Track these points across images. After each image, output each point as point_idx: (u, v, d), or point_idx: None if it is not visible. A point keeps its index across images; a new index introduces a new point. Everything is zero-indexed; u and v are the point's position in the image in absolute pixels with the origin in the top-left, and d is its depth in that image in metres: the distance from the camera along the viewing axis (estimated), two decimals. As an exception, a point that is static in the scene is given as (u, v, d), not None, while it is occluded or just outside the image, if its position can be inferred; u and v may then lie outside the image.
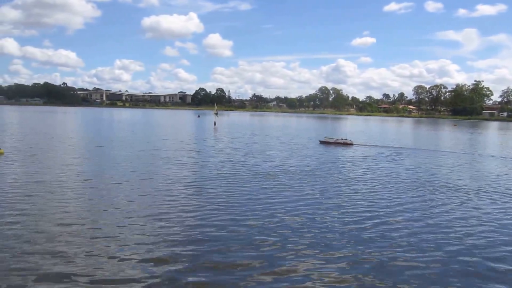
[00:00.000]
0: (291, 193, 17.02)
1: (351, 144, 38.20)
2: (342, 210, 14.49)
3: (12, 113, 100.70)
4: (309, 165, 25.47)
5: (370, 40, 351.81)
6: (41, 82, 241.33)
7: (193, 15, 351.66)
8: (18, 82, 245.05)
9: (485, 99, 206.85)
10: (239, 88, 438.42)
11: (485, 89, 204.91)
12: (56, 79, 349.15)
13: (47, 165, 22.31)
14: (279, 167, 23.93)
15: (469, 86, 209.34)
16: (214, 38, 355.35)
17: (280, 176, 20.73)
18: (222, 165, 24.14)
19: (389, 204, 15.64)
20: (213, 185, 17.97)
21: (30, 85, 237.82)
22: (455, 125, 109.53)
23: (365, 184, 19.59)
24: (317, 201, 15.82)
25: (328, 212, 14.08)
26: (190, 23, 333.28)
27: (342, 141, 38.86)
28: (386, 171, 23.87)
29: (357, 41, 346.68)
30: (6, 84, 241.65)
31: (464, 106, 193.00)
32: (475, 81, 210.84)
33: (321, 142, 39.93)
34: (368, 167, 25.62)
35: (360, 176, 21.83)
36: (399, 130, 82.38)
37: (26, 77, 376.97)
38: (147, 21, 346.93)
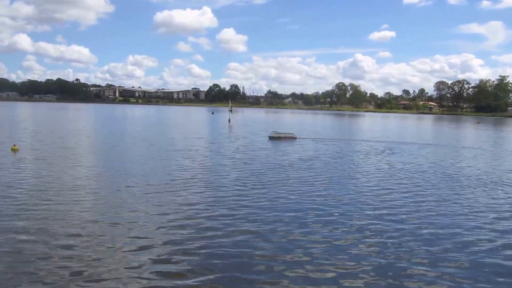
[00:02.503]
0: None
1: (295, 138, 40.01)
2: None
3: (25, 110, 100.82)
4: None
5: (389, 34, 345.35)
6: (54, 78, 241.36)
7: (206, 9, 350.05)
8: (31, 78, 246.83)
9: (511, 95, 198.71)
10: (253, 84, 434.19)
11: (510, 84, 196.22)
12: (69, 75, 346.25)
13: (62, 162, 22.08)
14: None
15: (493, 81, 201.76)
16: (228, 33, 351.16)
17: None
18: (236, 166, 22.91)
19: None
20: (230, 189, 16.72)
21: (43, 81, 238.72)
22: (478, 122, 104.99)
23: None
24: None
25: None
26: (203, 17, 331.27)
27: (289, 136, 40.78)
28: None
29: (375, 35, 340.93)
30: (20, 81, 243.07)
31: (488, 102, 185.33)
32: (500, 76, 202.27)
33: (270, 138, 39.66)
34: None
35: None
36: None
37: (39, 73, 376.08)
38: (160, 16, 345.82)
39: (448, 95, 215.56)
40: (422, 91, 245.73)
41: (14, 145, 26.36)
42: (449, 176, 21.29)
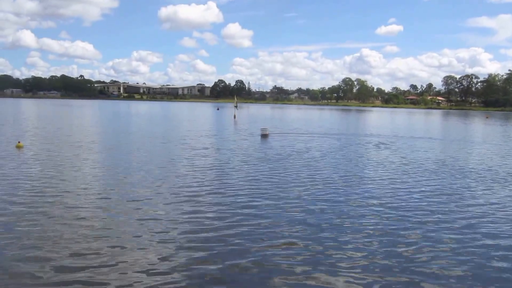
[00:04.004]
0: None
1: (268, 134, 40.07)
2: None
3: (30, 107, 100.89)
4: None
5: (396, 28, 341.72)
6: (58, 74, 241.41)
7: (211, 4, 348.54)
8: (35, 75, 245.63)
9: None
10: (259, 79, 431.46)
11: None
12: (73, 72, 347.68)
13: (67, 160, 21.65)
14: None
15: (502, 76, 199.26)
16: (234, 28, 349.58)
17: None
18: (245, 164, 21.92)
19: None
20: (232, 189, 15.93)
21: (47, 77, 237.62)
22: (487, 117, 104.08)
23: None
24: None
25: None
26: (208, 12, 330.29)
27: (266, 132, 40.40)
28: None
29: (382, 30, 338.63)
30: (23, 77, 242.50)
31: (497, 97, 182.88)
32: (509, 70, 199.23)
33: (263, 135, 38.53)
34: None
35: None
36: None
37: (44, 70, 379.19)
38: (165, 11, 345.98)
39: (457, 90, 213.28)
40: (430, 85, 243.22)
41: (19, 142, 26.30)
42: (475, 172, 20.65)
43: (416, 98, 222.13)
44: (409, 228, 11.25)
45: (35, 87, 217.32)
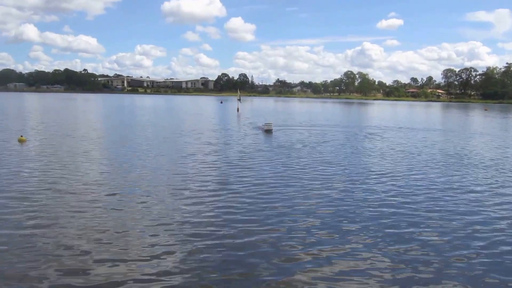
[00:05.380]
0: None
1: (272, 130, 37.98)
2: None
3: (33, 101, 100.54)
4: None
5: (396, 22, 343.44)
6: (62, 68, 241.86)
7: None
8: (39, 69, 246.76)
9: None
10: (262, 73, 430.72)
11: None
12: (77, 66, 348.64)
13: (70, 154, 21.50)
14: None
15: (500, 69, 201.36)
16: (237, 22, 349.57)
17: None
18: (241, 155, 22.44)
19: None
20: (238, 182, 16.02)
21: (51, 71, 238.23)
22: (486, 109, 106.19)
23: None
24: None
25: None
26: (212, 6, 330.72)
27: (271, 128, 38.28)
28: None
29: (383, 24, 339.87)
30: (27, 71, 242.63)
31: (495, 90, 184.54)
32: (507, 63, 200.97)
33: (266, 131, 36.69)
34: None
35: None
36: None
37: (47, 64, 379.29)
38: (168, 5, 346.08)
39: (456, 83, 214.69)
40: (430, 79, 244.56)
41: (22, 136, 26.14)
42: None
43: (416, 91, 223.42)
44: (430, 224, 11.27)
45: (38, 81, 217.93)
